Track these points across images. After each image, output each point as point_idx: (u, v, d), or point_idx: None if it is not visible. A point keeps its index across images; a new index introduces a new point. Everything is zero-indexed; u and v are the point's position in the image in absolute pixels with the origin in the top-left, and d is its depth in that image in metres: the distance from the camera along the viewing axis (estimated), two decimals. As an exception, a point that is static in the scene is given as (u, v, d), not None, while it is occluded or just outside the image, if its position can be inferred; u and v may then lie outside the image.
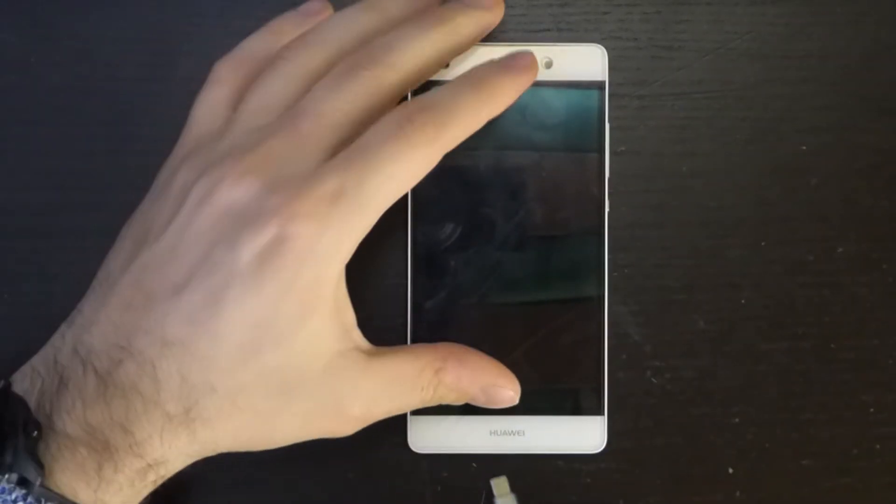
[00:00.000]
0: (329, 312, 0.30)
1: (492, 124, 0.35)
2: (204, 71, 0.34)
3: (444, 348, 0.33)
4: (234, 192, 0.29)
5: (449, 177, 0.35)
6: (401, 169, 0.29)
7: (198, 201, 0.29)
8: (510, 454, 0.35)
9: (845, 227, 0.37)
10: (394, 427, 0.35)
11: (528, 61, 0.33)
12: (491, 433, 0.35)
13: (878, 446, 0.37)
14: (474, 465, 0.36)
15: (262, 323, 0.28)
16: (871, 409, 0.37)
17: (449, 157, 0.35)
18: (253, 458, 0.31)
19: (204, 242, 0.29)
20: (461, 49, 0.33)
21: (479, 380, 0.32)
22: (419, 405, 0.32)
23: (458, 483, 0.36)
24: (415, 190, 0.35)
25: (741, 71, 0.37)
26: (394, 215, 0.35)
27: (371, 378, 0.30)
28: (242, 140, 0.30)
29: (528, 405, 0.35)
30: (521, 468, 0.35)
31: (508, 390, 0.33)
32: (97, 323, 0.29)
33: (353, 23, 0.32)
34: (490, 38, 0.36)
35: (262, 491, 0.36)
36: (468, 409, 0.34)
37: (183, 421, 0.28)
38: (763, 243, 0.37)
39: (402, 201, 0.35)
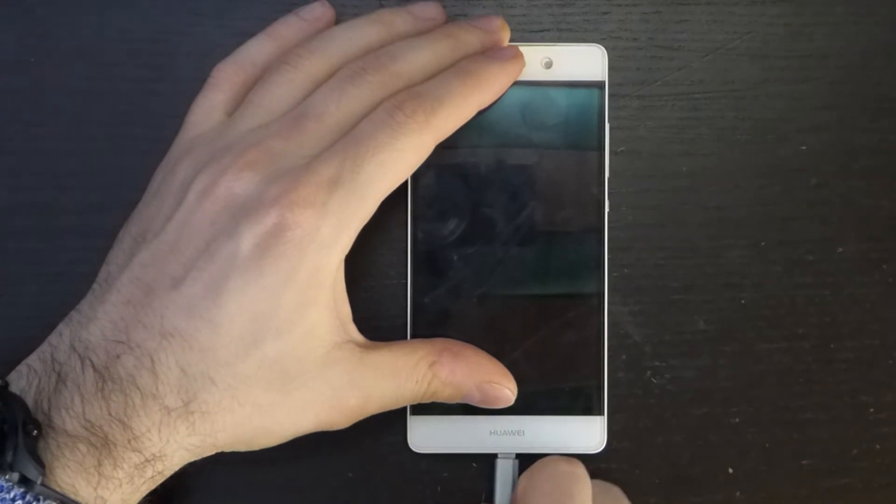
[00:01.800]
0: (328, 304, 0.30)
1: (493, 123, 0.35)
2: (204, 71, 0.34)
3: (440, 343, 0.33)
4: (235, 185, 0.29)
5: (449, 176, 0.35)
6: (394, 156, 0.30)
7: (198, 196, 0.29)
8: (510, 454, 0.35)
9: (845, 227, 0.37)
10: (394, 427, 0.35)
11: (513, 52, 0.34)
12: (491, 433, 0.35)
13: (878, 446, 0.37)
14: (474, 465, 0.36)
15: (263, 313, 0.28)
16: (871, 409, 0.37)
17: (450, 156, 0.35)
18: (252, 457, 0.31)
19: (204, 235, 0.29)
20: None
21: (474, 375, 0.33)
22: (413, 400, 0.32)
23: (458, 483, 0.36)
24: (415, 189, 0.35)
25: (741, 71, 0.37)
26: (394, 214, 0.35)
27: (366, 370, 0.31)
28: (243, 137, 0.31)
29: (528, 405, 0.35)
30: (521, 468, 0.35)
31: (505, 388, 0.33)
32: (95, 320, 0.29)
33: (359, 34, 0.33)
34: (490, 38, 0.36)
35: (261, 491, 0.36)
36: (468, 409, 0.34)
37: (182, 414, 0.28)
38: (763, 243, 0.37)
39: (402, 200, 0.35)
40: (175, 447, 0.29)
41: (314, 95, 0.31)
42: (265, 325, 0.29)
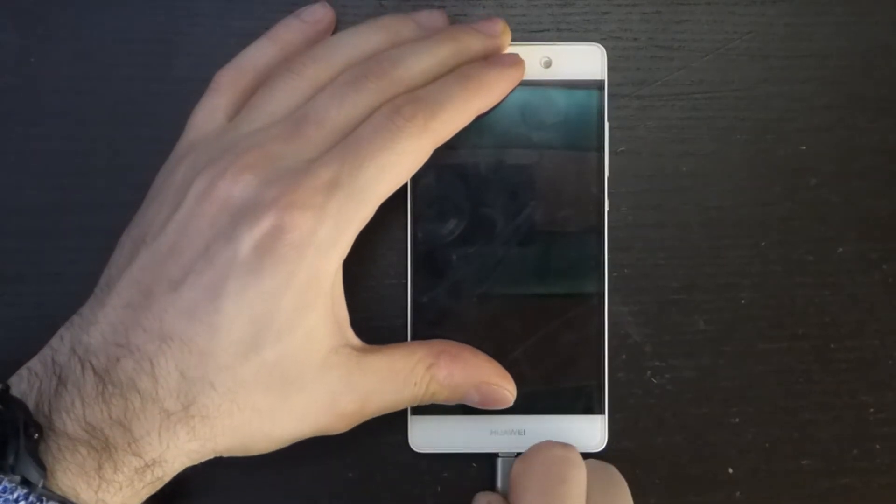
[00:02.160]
0: (326, 307, 0.30)
1: (492, 123, 0.35)
2: (203, 71, 0.34)
3: (437, 344, 0.33)
4: (233, 188, 0.29)
5: (449, 176, 0.35)
6: (393, 159, 0.30)
7: (196, 198, 0.29)
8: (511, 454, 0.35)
9: (845, 227, 0.37)
10: (394, 427, 0.35)
11: (514, 59, 0.34)
12: (491, 433, 0.35)
13: (878, 446, 0.37)
14: (474, 465, 0.36)
15: (262, 317, 0.28)
16: (871, 409, 0.37)
17: (449, 156, 0.35)
18: (252, 458, 0.31)
19: (202, 238, 0.29)
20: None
21: (472, 377, 0.33)
22: (412, 402, 0.32)
23: (458, 483, 0.36)
24: (415, 189, 0.35)
25: (741, 71, 0.37)
26: (394, 214, 0.35)
27: (364, 374, 0.31)
28: (243, 140, 0.31)
29: (529, 405, 0.35)
30: (522, 468, 0.35)
31: (504, 390, 0.33)
32: (96, 323, 0.29)
33: (362, 41, 0.33)
34: (490, 38, 0.36)
35: (261, 492, 0.36)
36: (468, 409, 0.34)
37: (182, 418, 0.28)
38: (763, 243, 0.37)
39: (402, 200, 0.35)
40: (175, 452, 0.28)
41: (315, 100, 0.31)
42: (264, 328, 0.29)
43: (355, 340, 0.32)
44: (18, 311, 0.36)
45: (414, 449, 0.35)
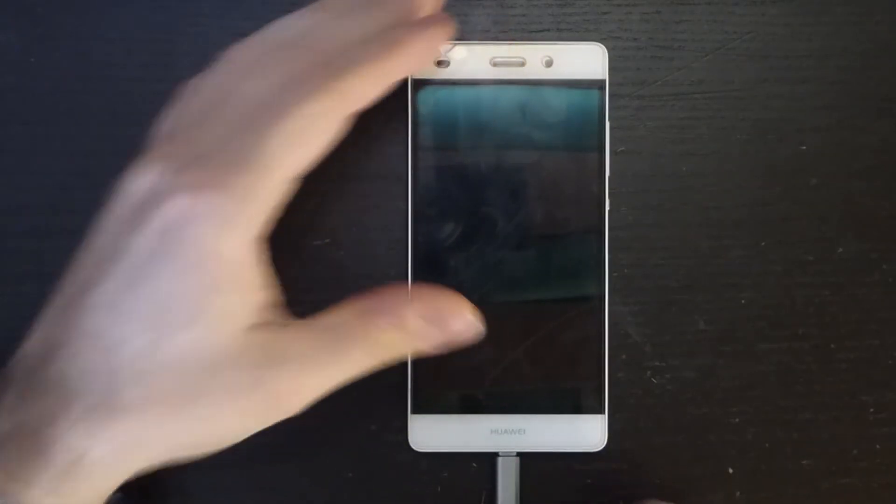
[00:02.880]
0: (239, 286, 0.29)
1: (493, 123, 0.35)
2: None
3: (370, 293, 0.30)
4: (142, 180, 0.29)
5: (449, 176, 0.35)
6: (300, 124, 0.28)
7: (113, 199, 0.29)
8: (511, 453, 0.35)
9: (845, 227, 0.37)
10: (394, 426, 0.35)
11: (438, 18, 0.32)
12: (492, 432, 0.35)
13: (878, 446, 0.37)
14: (474, 464, 0.36)
15: (170, 303, 0.28)
16: (871, 409, 0.37)
17: (450, 156, 0.35)
18: (252, 457, 0.31)
19: (112, 233, 0.29)
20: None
21: (418, 307, 0.30)
22: (365, 361, 0.30)
23: (458, 483, 0.36)
24: (415, 189, 0.35)
25: (741, 71, 0.37)
26: (394, 214, 0.35)
27: (288, 343, 0.29)
28: (163, 135, 0.30)
29: (529, 404, 0.35)
30: (522, 467, 0.35)
31: (464, 314, 0.30)
32: (35, 332, 0.29)
33: (298, 21, 0.31)
34: (490, 37, 0.36)
35: (261, 491, 0.36)
36: (469, 408, 0.34)
37: (105, 411, 0.27)
38: (763, 243, 0.37)
39: (403, 200, 0.35)
40: (105, 448, 0.28)
41: (231, 81, 0.30)
42: (175, 314, 0.28)
43: (283, 318, 0.30)
44: (18, 311, 0.36)
45: (414, 448, 0.35)
